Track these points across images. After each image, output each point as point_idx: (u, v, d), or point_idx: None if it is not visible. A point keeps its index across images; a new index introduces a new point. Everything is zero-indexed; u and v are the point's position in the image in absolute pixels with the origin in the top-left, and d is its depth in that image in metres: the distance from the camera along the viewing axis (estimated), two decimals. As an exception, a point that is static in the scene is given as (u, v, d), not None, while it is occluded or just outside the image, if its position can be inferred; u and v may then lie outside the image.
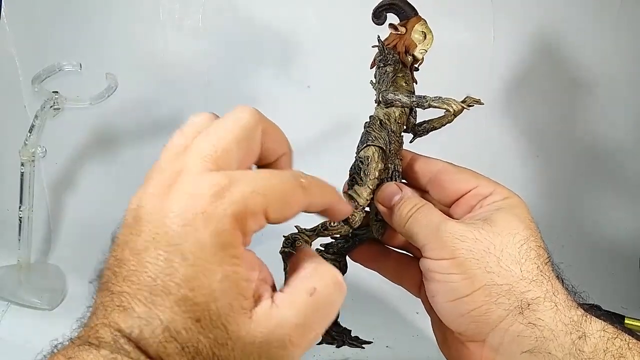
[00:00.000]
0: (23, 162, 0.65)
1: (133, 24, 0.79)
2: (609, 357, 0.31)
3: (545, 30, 0.80)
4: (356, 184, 0.40)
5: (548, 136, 0.83)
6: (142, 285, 0.25)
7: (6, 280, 0.65)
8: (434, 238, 0.36)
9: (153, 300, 0.25)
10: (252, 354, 0.25)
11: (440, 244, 0.36)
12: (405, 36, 0.41)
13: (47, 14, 0.78)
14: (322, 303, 0.27)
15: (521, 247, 0.35)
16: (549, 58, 0.81)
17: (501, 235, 0.35)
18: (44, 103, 0.65)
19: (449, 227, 0.36)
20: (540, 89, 0.82)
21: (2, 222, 0.74)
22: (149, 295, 0.25)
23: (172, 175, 0.27)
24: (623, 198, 0.84)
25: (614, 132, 0.83)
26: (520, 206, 0.37)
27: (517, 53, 0.80)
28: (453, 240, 0.35)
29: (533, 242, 0.35)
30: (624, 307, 0.68)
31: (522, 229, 0.36)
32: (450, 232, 0.36)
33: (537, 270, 0.34)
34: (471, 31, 0.80)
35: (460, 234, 0.35)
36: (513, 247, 0.35)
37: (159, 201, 0.26)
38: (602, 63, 0.82)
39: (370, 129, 0.41)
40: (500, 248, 0.35)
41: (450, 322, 0.37)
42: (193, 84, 0.79)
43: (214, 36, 0.77)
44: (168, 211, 0.25)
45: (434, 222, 0.37)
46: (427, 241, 0.37)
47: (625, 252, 0.79)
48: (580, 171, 0.83)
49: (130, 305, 0.25)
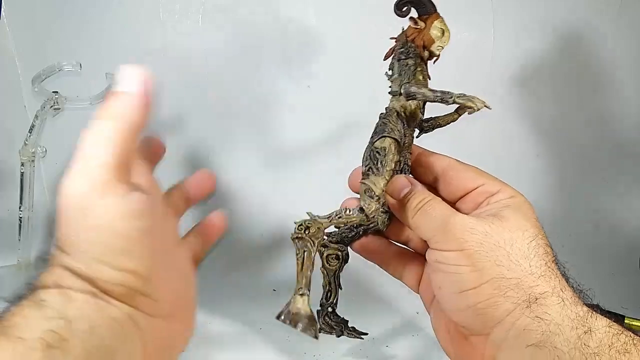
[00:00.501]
0: (23, 162, 0.65)
1: (133, 24, 0.79)
2: (613, 352, 0.31)
3: (545, 30, 0.80)
4: (372, 174, 0.40)
5: (548, 136, 0.83)
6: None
7: (6, 280, 0.65)
8: (443, 230, 0.36)
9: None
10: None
11: (450, 236, 0.36)
12: (424, 31, 0.42)
13: (47, 14, 0.78)
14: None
15: (530, 244, 0.35)
16: (549, 58, 0.81)
17: (511, 231, 0.36)
18: (44, 103, 0.65)
19: (459, 219, 0.37)
20: (540, 88, 0.82)
21: (2, 222, 0.75)
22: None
23: None
24: (623, 198, 0.84)
25: (615, 132, 0.83)
26: (526, 205, 0.38)
27: (517, 53, 0.80)
28: (463, 232, 0.36)
29: (541, 240, 0.36)
30: (624, 307, 0.68)
31: (530, 226, 0.36)
32: (460, 225, 0.36)
33: (545, 266, 0.35)
34: (471, 31, 0.80)
35: (470, 226, 0.36)
36: (522, 242, 0.35)
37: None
38: (603, 63, 0.82)
39: (387, 120, 0.41)
40: (510, 243, 0.35)
41: (455, 314, 0.37)
42: (193, 84, 0.79)
43: (214, 36, 0.77)
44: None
45: (443, 215, 0.37)
46: (436, 232, 0.37)
47: (625, 252, 0.79)
48: (580, 171, 0.83)
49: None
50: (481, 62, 0.80)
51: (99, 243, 0.30)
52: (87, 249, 0.31)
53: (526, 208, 0.38)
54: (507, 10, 0.80)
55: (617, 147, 0.83)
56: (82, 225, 0.30)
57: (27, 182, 0.65)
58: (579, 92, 0.82)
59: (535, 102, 0.82)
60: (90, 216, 0.30)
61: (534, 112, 0.82)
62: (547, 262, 0.35)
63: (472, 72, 0.80)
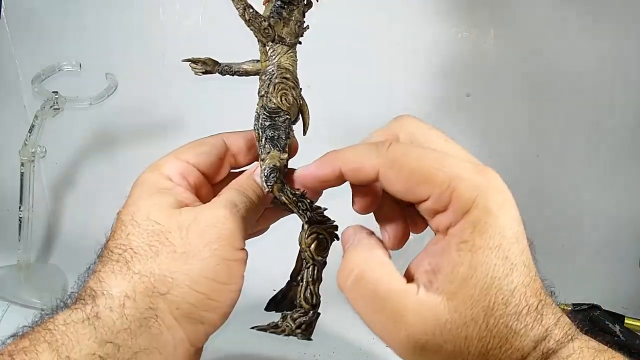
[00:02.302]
0: (23, 162, 0.65)
1: (133, 24, 0.79)
2: None
3: (545, 30, 0.80)
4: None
5: (548, 136, 0.83)
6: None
7: (6, 280, 0.65)
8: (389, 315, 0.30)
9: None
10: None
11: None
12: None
13: (47, 14, 0.78)
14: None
15: (510, 280, 0.29)
16: (549, 58, 0.81)
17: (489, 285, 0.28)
18: (44, 103, 0.65)
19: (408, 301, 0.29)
20: (540, 88, 0.82)
21: (2, 222, 0.75)
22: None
23: None
24: (623, 198, 0.84)
25: (614, 132, 0.83)
26: (487, 211, 0.29)
27: (517, 53, 0.80)
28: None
29: (520, 256, 0.29)
30: (624, 307, 0.68)
31: (502, 251, 0.29)
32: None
33: (535, 309, 0.29)
34: (471, 31, 0.80)
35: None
36: (504, 289, 0.28)
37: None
38: (603, 63, 0.82)
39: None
40: (489, 307, 0.28)
41: None
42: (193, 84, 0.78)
43: (214, 36, 0.77)
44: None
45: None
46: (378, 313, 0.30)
47: (625, 252, 0.79)
48: (580, 171, 0.83)
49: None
50: (481, 62, 0.80)
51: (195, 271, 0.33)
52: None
53: (488, 221, 0.29)
54: (507, 10, 0.80)
55: (616, 147, 0.83)
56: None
57: (27, 182, 0.65)
58: (579, 92, 0.82)
59: (535, 101, 0.82)
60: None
61: (533, 111, 0.82)
62: (534, 294, 0.29)
63: (472, 73, 0.80)
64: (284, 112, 0.39)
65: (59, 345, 0.29)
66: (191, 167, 0.38)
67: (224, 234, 0.34)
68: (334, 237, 0.39)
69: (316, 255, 0.38)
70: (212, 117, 0.78)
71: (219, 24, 0.78)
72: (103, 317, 0.30)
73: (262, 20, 0.38)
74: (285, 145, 0.39)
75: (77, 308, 0.31)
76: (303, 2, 0.40)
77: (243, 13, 0.38)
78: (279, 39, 0.39)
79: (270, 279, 0.48)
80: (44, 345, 0.28)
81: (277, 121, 0.39)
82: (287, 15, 0.39)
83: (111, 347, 0.29)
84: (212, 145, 0.40)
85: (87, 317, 0.30)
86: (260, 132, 0.39)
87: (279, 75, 0.39)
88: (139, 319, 0.31)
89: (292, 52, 0.40)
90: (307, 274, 0.39)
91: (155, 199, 0.35)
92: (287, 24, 0.39)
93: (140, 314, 0.31)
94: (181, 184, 0.37)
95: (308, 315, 0.39)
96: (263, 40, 0.39)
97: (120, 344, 0.30)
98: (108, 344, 0.29)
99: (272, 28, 0.39)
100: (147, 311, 0.31)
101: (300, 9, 0.40)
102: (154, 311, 0.32)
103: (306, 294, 0.39)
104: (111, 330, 0.30)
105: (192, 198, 0.37)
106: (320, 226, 0.38)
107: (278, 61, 0.39)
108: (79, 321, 0.30)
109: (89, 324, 0.30)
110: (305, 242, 0.38)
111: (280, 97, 0.39)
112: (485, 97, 0.81)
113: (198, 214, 0.34)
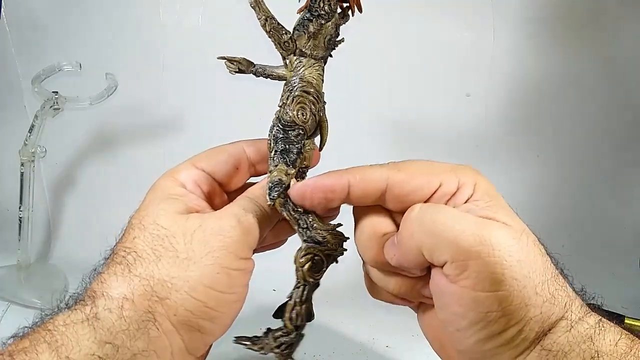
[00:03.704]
0: (23, 162, 0.65)
1: (133, 24, 0.79)
2: None
3: (545, 30, 0.80)
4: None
5: (548, 136, 0.83)
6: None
7: (6, 280, 0.65)
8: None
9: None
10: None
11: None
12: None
13: (47, 14, 0.78)
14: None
15: (529, 250, 0.32)
16: (549, 58, 0.81)
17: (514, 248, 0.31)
18: (44, 103, 0.65)
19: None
20: (540, 88, 0.82)
21: (2, 222, 0.75)
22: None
23: None
24: (623, 198, 0.84)
25: (614, 132, 0.83)
26: (493, 192, 0.34)
27: (517, 53, 0.80)
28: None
29: (530, 236, 0.32)
30: (624, 307, 0.68)
31: (516, 224, 0.32)
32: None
33: (552, 277, 0.32)
34: (471, 31, 0.80)
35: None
36: (527, 256, 0.31)
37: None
38: (603, 63, 0.82)
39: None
40: (526, 268, 0.31)
41: (463, 352, 0.33)
42: (193, 84, 0.79)
43: (214, 36, 0.77)
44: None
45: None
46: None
47: (625, 252, 0.79)
48: (580, 171, 0.83)
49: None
50: (481, 62, 0.80)
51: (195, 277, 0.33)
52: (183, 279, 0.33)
53: (497, 198, 0.33)
54: (507, 10, 0.80)
55: (617, 147, 0.83)
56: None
57: (27, 182, 0.65)
58: (578, 92, 0.82)
59: (535, 102, 0.82)
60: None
61: (533, 112, 0.82)
62: (549, 265, 0.32)
63: (472, 73, 0.80)
64: (299, 126, 0.37)
65: (58, 346, 0.29)
66: (206, 175, 0.38)
67: (228, 243, 0.34)
68: (331, 260, 0.38)
69: (308, 277, 0.37)
70: (212, 117, 0.78)
71: (219, 24, 0.78)
72: (102, 318, 0.30)
73: (284, 33, 0.38)
74: (295, 160, 0.38)
75: (77, 309, 0.31)
76: (337, 15, 0.38)
77: (264, 24, 0.38)
78: (299, 53, 0.38)
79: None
80: (43, 346, 0.29)
81: (290, 135, 0.37)
82: (314, 29, 0.38)
83: (110, 347, 0.30)
84: (229, 154, 0.40)
85: (87, 317, 0.30)
86: (272, 143, 0.38)
87: (300, 88, 0.38)
88: (138, 321, 0.31)
89: (318, 65, 0.38)
90: (296, 294, 0.38)
91: (165, 205, 0.35)
92: (316, 37, 0.38)
93: (138, 317, 0.31)
94: (194, 192, 0.37)
95: (290, 337, 0.38)
96: (282, 53, 0.38)
97: (119, 345, 0.30)
98: (107, 344, 0.29)
99: (293, 41, 0.38)
100: (145, 314, 0.31)
101: (334, 22, 0.38)
102: (152, 315, 0.32)
103: (292, 314, 0.37)
104: (110, 332, 0.30)
105: (203, 205, 0.37)
106: (317, 247, 0.37)
107: (302, 73, 0.38)
108: (78, 322, 0.30)
109: (89, 324, 0.30)
110: (299, 261, 0.37)
111: (297, 110, 0.38)
112: (485, 97, 0.81)
113: (204, 221, 0.34)
